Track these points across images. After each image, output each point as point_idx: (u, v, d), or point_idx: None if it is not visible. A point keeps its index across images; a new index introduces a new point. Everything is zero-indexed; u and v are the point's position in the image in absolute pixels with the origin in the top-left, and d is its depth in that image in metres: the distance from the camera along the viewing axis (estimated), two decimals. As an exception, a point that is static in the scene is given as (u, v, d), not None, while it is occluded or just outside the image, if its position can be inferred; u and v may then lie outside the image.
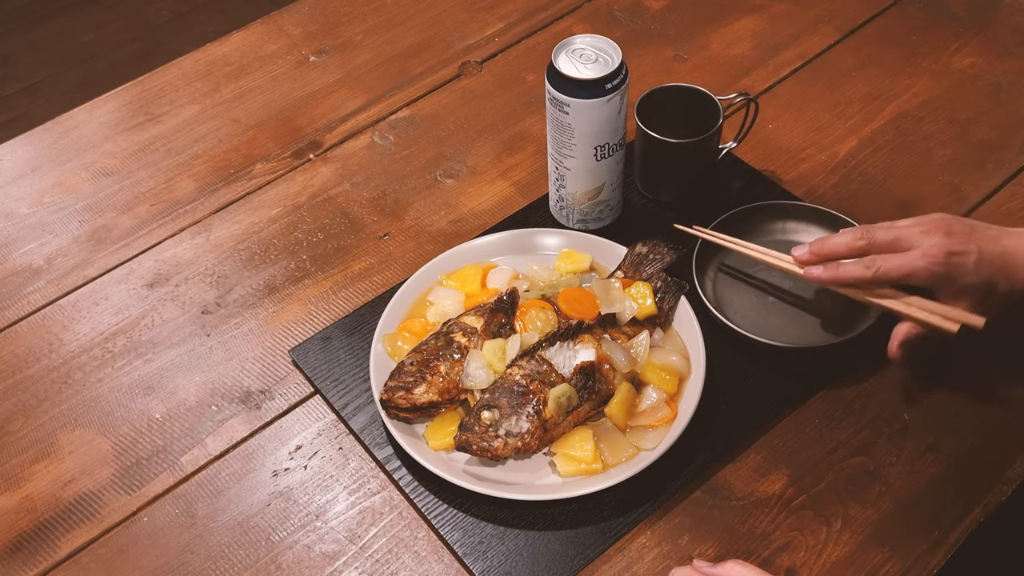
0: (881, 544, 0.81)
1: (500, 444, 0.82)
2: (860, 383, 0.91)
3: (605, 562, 0.81)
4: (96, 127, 1.21)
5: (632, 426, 0.86)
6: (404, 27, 1.31)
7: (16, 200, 1.13)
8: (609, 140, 0.93)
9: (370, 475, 0.87)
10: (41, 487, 0.88)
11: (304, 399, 0.93)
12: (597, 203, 0.99)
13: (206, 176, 1.14)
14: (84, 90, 2.47)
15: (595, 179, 0.97)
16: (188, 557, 0.83)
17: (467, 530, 0.82)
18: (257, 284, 1.03)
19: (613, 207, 1.01)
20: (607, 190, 0.98)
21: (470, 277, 0.97)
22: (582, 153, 0.94)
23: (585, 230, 1.01)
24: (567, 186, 0.98)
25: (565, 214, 1.02)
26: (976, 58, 1.19)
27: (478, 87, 1.22)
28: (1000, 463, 0.85)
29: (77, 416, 0.93)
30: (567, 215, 1.01)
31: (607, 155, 0.95)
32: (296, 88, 1.24)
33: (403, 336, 0.92)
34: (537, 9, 1.32)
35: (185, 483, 0.88)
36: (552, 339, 0.87)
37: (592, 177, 0.96)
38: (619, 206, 1.02)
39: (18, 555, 0.84)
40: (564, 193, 0.99)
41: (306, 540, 0.83)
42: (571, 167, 0.96)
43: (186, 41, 2.64)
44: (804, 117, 1.15)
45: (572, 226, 1.02)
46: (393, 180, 1.12)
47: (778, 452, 0.86)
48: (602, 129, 0.92)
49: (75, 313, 1.01)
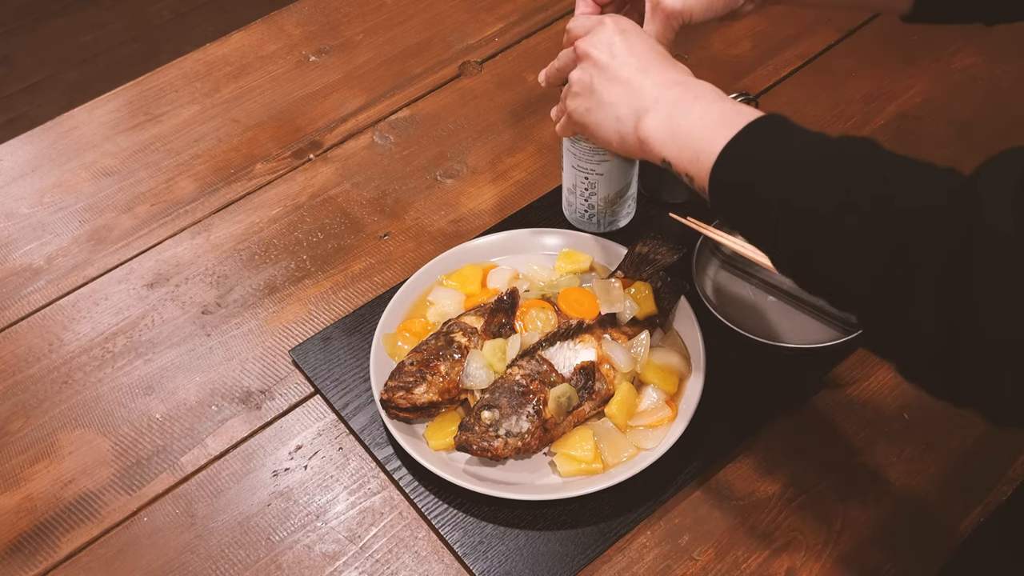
0: (881, 544, 0.81)
1: (500, 444, 0.82)
2: (860, 383, 0.91)
3: (605, 562, 0.81)
4: (96, 127, 1.21)
5: (632, 426, 0.86)
6: (404, 27, 1.31)
7: (16, 200, 1.13)
8: None
9: (370, 475, 0.87)
10: (41, 487, 0.88)
11: (304, 399, 0.93)
12: (625, 200, 1.00)
13: (206, 176, 1.14)
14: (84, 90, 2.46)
15: (626, 176, 0.97)
16: (188, 557, 0.83)
17: (467, 530, 0.82)
18: (257, 284, 1.03)
19: (634, 198, 1.02)
20: (632, 184, 0.99)
21: (470, 277, 0.97)
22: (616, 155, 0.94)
23: (611, 232, 1.01)
24: (599, 192, 0.98)
25: (596, 221, 1.01)
26: (976, 58, 1.19)
27: (478, 87, 1.22)
28: (1000, 463, 0.85)
29: (77, 416, 0.93)
30: (598, 221, 1.01)
31: None
32: (296, 88, 1.24)
33: (403, 336, 0.92)
34: (537, 9, 1.32)
35: (185, 483, 0.88)
36: (552, 339, 0.87)
37: (624, 174, 0.97)
38: (636, 197, 1.03)
39: (18, 555, 0.84)
40: (595, 200, 0.99)
41: (306, 540, 0.83)
42: (604, 171, 0.95)
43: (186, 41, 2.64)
44: (804, 117, 1.14)
45: (603, 230, 1.02)
46: (393, 180, 1.12)
47: (778, 452, 0.86)
48: None
49: (75, 313, 1.01)
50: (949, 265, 0.55)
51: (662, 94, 0.75)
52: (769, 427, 0.88)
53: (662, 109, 0.74)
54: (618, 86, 0.77)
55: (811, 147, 0.65)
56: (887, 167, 0.61)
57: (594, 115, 0.79)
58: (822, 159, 0.64)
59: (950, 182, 0.58)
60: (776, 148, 0.67)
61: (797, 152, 0.65)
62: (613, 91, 0.77)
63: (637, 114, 0.75)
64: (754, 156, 0.67)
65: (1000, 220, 0.53)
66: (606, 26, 0.80)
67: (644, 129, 0.74)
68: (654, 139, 0.74)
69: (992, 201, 0.54)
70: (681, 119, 0.73)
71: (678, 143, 0.72)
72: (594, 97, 0.79)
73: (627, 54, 0.78)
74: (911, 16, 0.85)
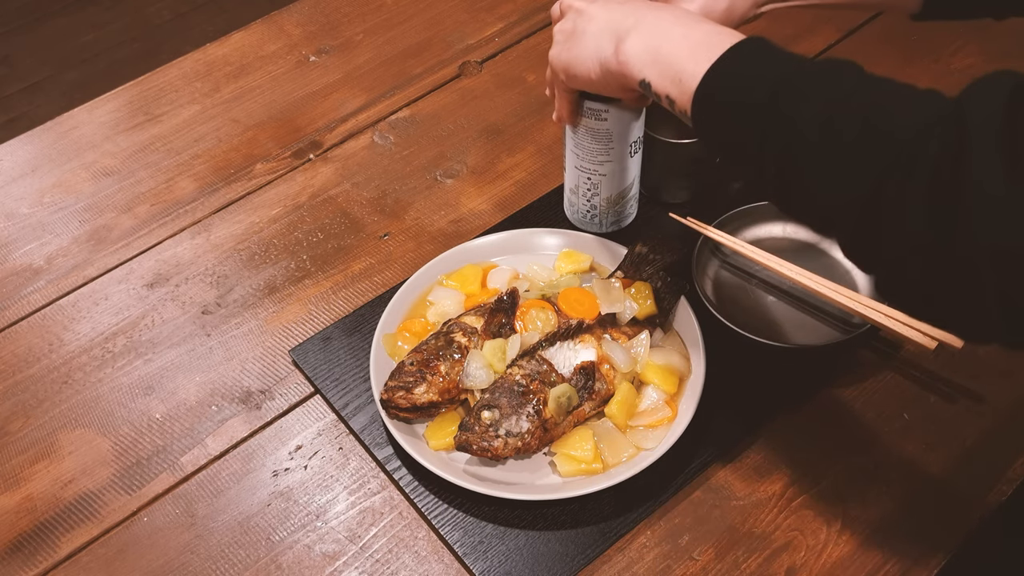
0: (881, 544, 0.81)
1: (500, 444, 0.82)
2: (860, 383, 0.91)
3: (605, 562, 0.81)
4: (96, 127, 1.21)
5: (632, 426, 0.86)
6: (404, 27, 1.31)
7: (16, 200, 1.13)
8: (639, 133, 0.94)
9: (370, 475, 0.87)
10: (41, 487, 0.88)
11: (304, 399, 0.93)
12: (627, 199, 0.99)
13: (206, 176, 1.14)
14: (84, 90, 2.47)
15: (628, 175, 0.97)
16: (188, 557, 0.83)
17: (467, 530, 0.82)
18: (257, 284, 1.03)
19: (636, 200, 1.02)
20: (635, 183, 0.99)
21: (470, 277, 0.97)
22: (619, 155, 0.94)
23: (612, 232, 1.01)
24: (601, 192, 0.98)
25: (599, 221, 1.01)
26: (976, 58, 1.19)
27: (478, 87, 1.22)
28: (1000, 463, 0.85)
29: (77, 416, 0.93)
30: (600, 222, 1.01)
31: (638, 149, 0.96)
32: (296, 88, 1.24)
33: (403, 336, 0.92)
34: (537, 9, 1.32)
35: (185, 483, 0.88)
36: (552, 339, 0.87)
37: (626, 174, 0.97)
38: (638, 198, 1.03)
39: (18, 555, 0.84)
40: (598, 200, 0.99)
41: (306, 540, 0.83)
42: (607, 172, 0.95)
43: (186, 41, 2.64)
44: (804, 117, 1.15)
45: (605, 230, 1.02)
46: (393, 180, 1.12)
47: (778, 452, 0.86)
48: (635, 124, 0.93)
49: (75, 313, 1.01)
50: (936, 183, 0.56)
51: (642, 16, 0.75)
52: (769, 427, 0.88)
53: (643, 30, 0.74)
54: (598, 20, 0.77)
55: (797, 67, 0.66)
56: (871, 88, 0.62)
57: (574, 50, 0.79)
58: (808, 78, 0.64)
59: (935, 102, 0.59)
60: (760, 68, 0.67)
61: (782, 71, 0.65)
62: (593, 25, 0.78)
63: (617, 37, 0.75)
64: (738, 77, 0.67)
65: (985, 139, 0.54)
66: None
67: (624, 52, 0.74)
68: (634, 60, 0.74)
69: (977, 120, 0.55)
70: (662, 40, 0.73)
71: (659, 64, 0.72)
72: (575, 37, 0.79)
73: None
74: (922, 14, 0.85)
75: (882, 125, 0.59)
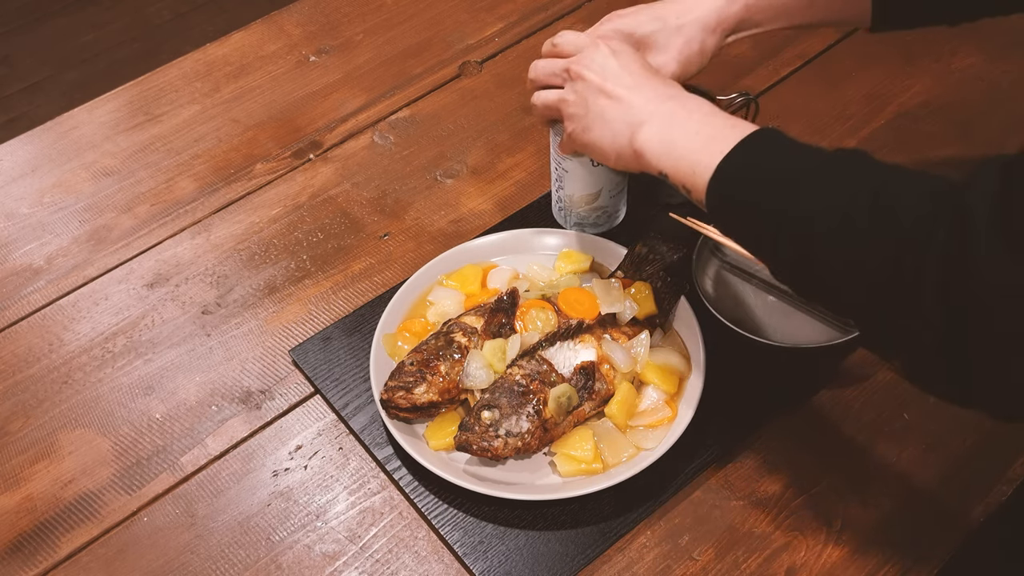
0: (881, 544, 0.81)
1: (500, 444, 0.82)
2: (860, 383, 0.91)
3: (605, 562, 0.81)
4: (96, 127, 1.21)
5: (632, 426, 0.86)
6: (404, 27, 1.31)
7: (16, 200, 1.13)
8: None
9: (370, 475, 0.87)
10: (41, 487, 0.88)
11: (304, 399, 0.93)
12: (594, 208, 0.99)
13: (206, 176, 1.14)
14: (84, 90, 2.47)
15: (592, 184, 0.96)
16: (188, 557, 0.83)
17: (467, 530, 0.82)
18: (257, 284, 1.03)
19: (611, 214, 1.01)
20: (604, 196, 0.98)
21: (470, 277, 0.97)
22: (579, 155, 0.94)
23: (610, 232, 1.01)
24: (566, 187, 0.98)
25: (564, 215, 1.01)
26: (976, 58, 1.19)
27: (478, 87, 1.22)
28: (1000, 463, 0.85)
29: (77, 416, 0.93)
30: (565, 216, 1.01)
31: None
32: (296, 88, 1.24)
33: (403, 336, 0.92)
34: (537, 9, 1.32)
35: (185, 483, 0.88)
36: (552, 339, 0.87)
37: (589, 181, 0.96)
38: (617, 215, 1.02)
39: (18, 555, 0.84)
40: (563, 194, 0.99)
41: (306, 540, 0.83)
42: (569, 168, 0.95)
43: (186, 41, 2.64)
44: (804, 117, 1.15)
45: (569, 228, 1.02)
46: (393, 180, 1.12)
47: (778, 452, 0.86)
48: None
49: (75, 313, 1.01)
50: (947, 269, 0.57)
51: (657, 108, 0.77)
52: (769, 427, 0.88)
53: (657, 122, 0.76)
54: (614, 105, 0.79)
55: (806, 160, 0.68)
56: (881, 177, 0.63)
57: (592, 134, 0.81)
58: (818, 171, 0.66)
59: (942, 190, 0.60)
60: (772, 161, 0.69)
61: (793, 164, 0.68)
62: (609, 110, 0.79)
63: (632, 128, 0.77)
64: (751, 170, 0.69)
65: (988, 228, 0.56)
66: (599, 48, 0.82)
67: (639, 142, 0.76)
68: (650, 152, 0.76)
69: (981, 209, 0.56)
70: (676, 132, 0.75)
71: (674, 156, 0.74)
72: (590, 116, 0.81)
73: (621, 72, 0.80)
74: (875, 27, 0.87)
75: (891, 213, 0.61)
